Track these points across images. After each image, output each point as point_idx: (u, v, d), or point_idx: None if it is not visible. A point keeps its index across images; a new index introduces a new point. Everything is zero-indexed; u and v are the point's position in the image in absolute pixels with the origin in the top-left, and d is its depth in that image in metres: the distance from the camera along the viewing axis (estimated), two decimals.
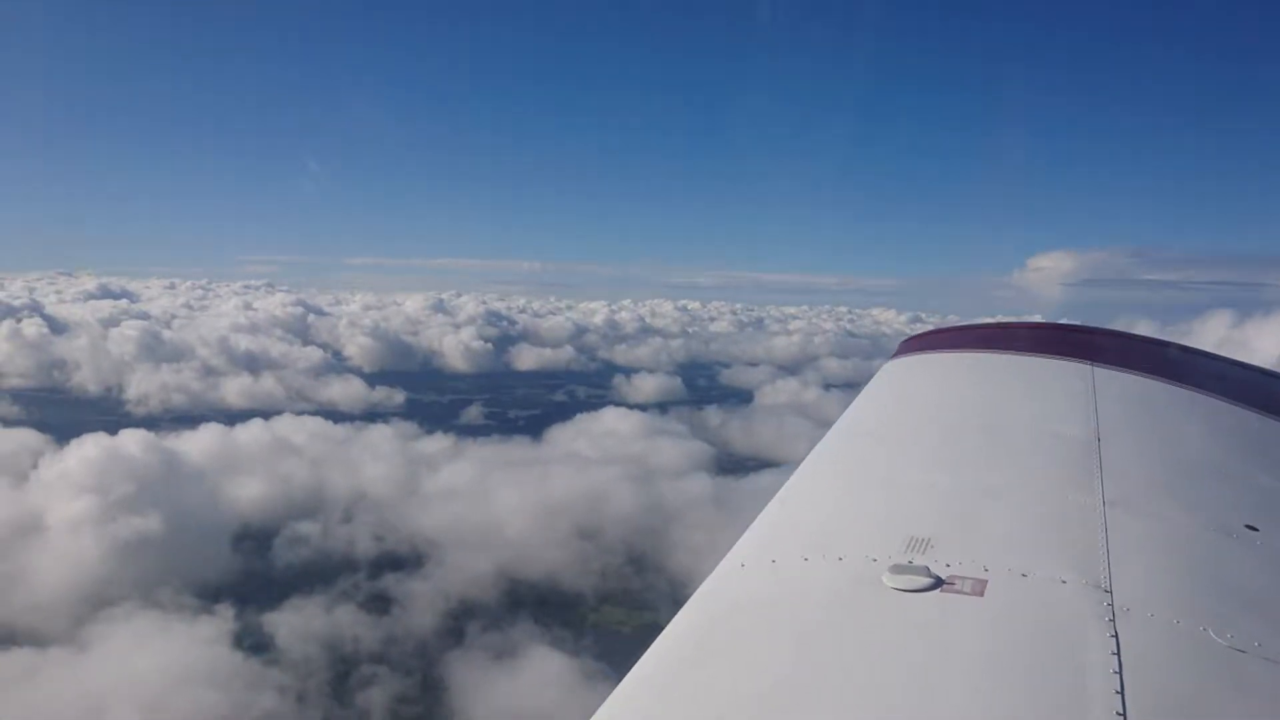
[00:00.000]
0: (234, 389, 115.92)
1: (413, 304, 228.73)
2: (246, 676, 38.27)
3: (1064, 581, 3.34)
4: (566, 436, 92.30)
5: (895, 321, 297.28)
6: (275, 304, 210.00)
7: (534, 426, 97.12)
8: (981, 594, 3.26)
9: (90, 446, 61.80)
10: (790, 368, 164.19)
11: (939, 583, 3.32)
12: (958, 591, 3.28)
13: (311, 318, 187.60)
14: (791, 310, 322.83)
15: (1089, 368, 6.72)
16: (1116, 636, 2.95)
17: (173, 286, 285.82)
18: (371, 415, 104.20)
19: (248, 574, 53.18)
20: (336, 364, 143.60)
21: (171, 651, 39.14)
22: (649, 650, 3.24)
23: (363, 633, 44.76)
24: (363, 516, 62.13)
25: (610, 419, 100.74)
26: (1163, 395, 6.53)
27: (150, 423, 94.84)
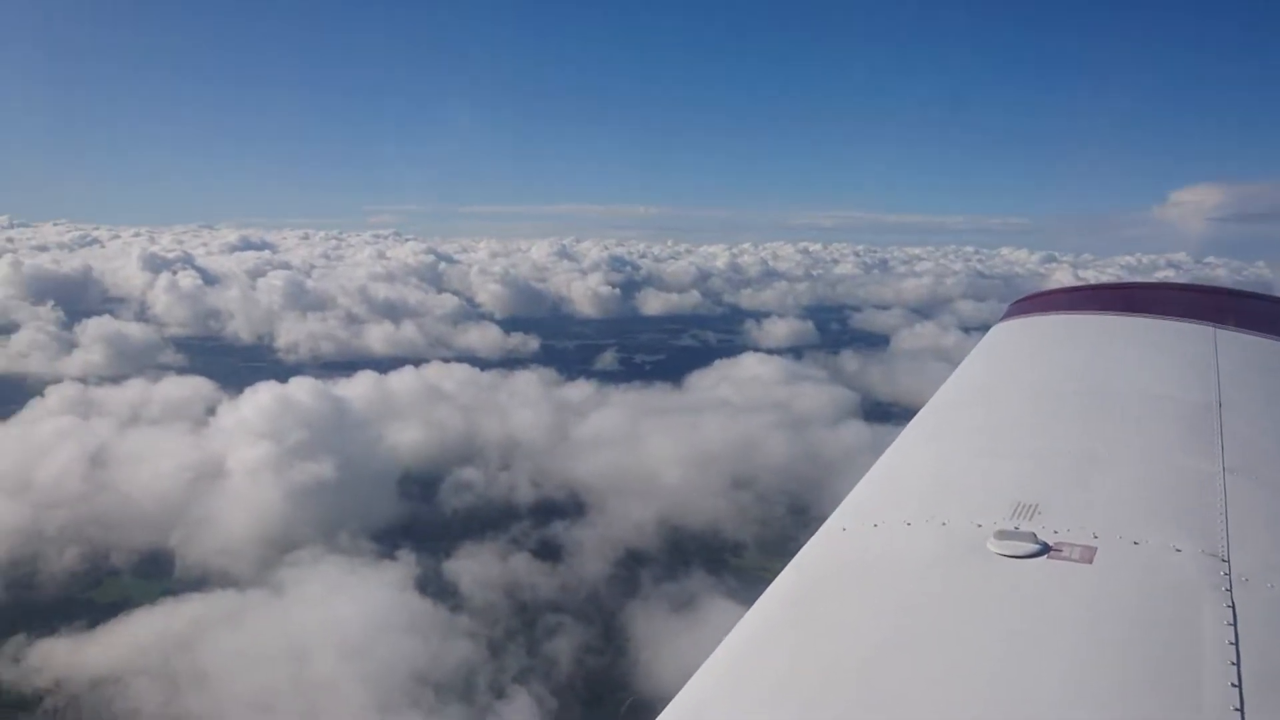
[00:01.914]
0: (377, 336, 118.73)
1: (538, 250, 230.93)
2: (438, 623, 38.73)
3: (1178, 550, 3.25)
4: (707, 382, 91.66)
5: (1028, 261, 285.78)
6: (407, 252, 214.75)
7: (669, 372, 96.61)
8: (1091, 561, 3.18)
9: (264, 394, 63.69)
10: (923, 310, 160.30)
11: (1046, 549, 3.25)
12: (1065, 558, 3.20)
13: (442, 265, 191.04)
14: (916, 251, 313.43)
15: (1211, 329, 6.45)
16: (1233, 607, 2.87)
17: (307, 237, 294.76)
18: (509, 361, 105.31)
19: (418, 519, 54.09)
20: (470, 311, 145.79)
21: (363, 597, 39.83)
22: (749, 611, 3.20)
23: (539, 580, 44.98)
24: (520, 463, 62.54)
25: (750, 364, 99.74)
26: None
27: (302, 369, 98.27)
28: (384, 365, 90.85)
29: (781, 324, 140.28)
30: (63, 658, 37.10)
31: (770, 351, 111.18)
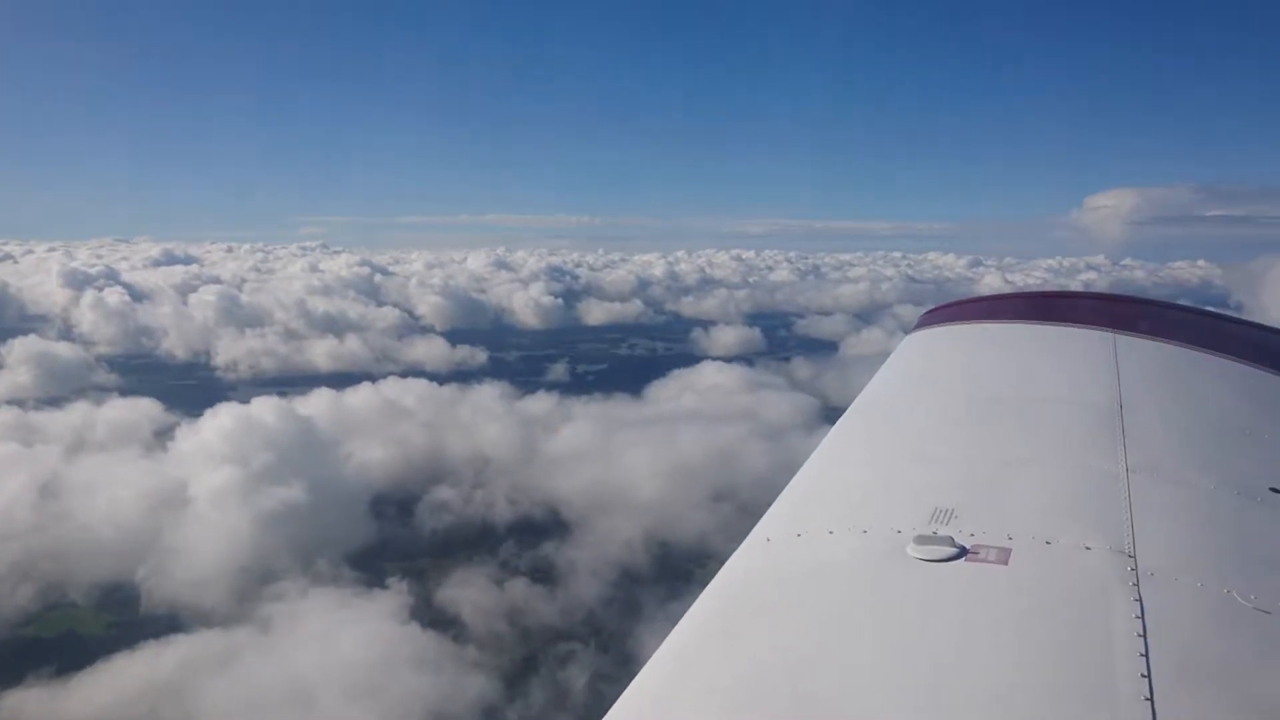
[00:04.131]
0: (321, 351, 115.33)
1: (474, 261, 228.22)
2: (445, 656, 36.56)
3: (1088, 548, 3.35)
4: (669, 392, 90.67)
5: (955, 266, 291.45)
6: (340, 265, 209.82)
7: (624, 382, 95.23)
8: (1006, 562, 3.26)
9: (224, 415, 60.48)
10: (864, 316, 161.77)
11: (963, 552, 3.32)
12: (982, 560, 3.29)
13: (378, 278, 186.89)
14: (847, 258, 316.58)
15: (1111, 335, 6.70)
16: (1141, 601, 2.97)
17: (231, 250, 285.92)
18: (459, 375, 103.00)
19: (397, 543, 51.72)
20: (413, 324, 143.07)
21: (360, 630, 37.46)
22: (676, 627, 3.19)
23: (539, 605, 43.05)
24: (495, 481, 60.39)
25: (709, 373, 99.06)
26: (1184, 361, 6.54)
27: (242, 388, 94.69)
28: (330, 381, 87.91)
29: (729, 331, 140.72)
30: (35, 711, 34.06)
31: (721, 360, 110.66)
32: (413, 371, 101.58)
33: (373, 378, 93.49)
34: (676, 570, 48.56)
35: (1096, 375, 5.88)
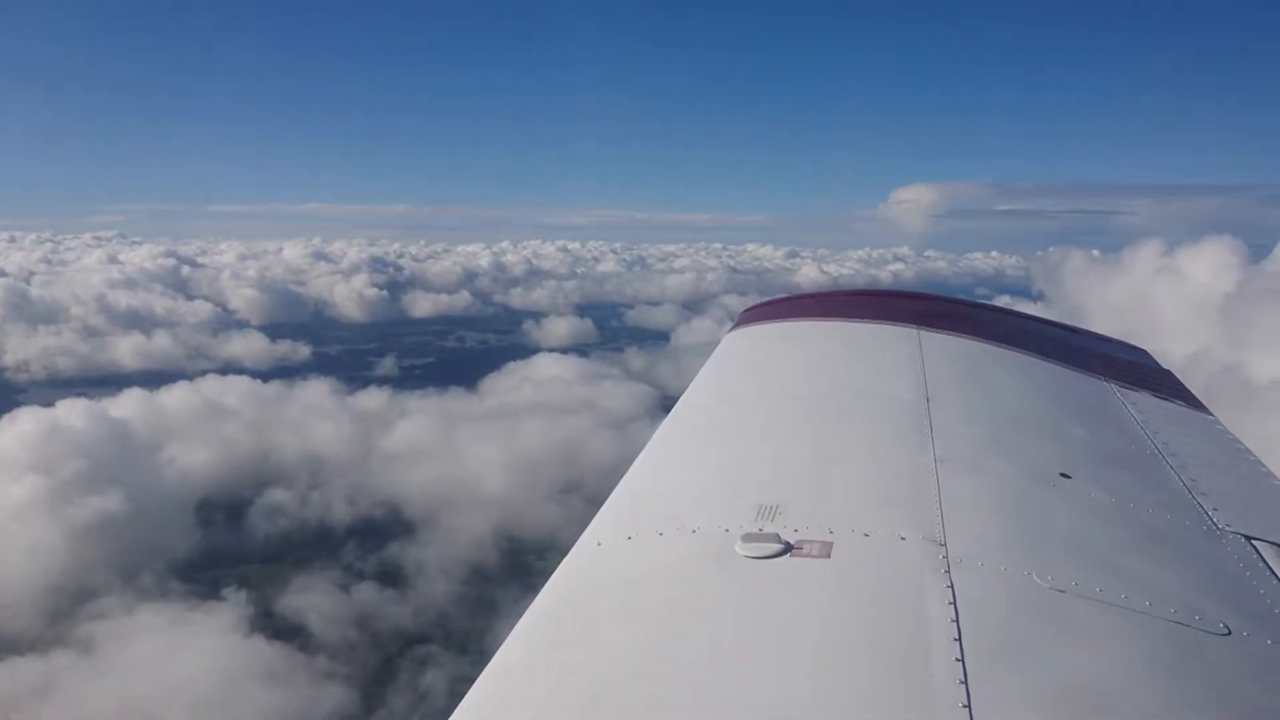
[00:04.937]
0: (126, 349, 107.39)
1: (291, 252, 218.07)
2: (295, 668, 34.41)
3: (903, 538, 3.51)
4: (506, 385, 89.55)
5: (773, 257, 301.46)
6: (143, 256, 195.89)
7: (458, 375, 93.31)
8: (828, 556, 3.39)
9: (24, 420, 55.10)
10: (692, 306, 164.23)
11: (789, 548, 3.42)
12: (806, 555, 3.40)
13: (186, 270, 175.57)
14: (670, 249, 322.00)
15: (916, 332, 7.04)
16: (953, 587, 3.14)
17: (14, 240, 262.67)
18: (282, 371, 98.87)
19: (230, 551, 48.47)
20: (227, 318, 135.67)
21: (199, 647, 34.80)
22: (509, 637, 3.19)
23: (390, 609, 41.27)
24: (332, 482, 57.79)
25: (546, 365, 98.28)
26: (983, 356, 6.90)
27: (40, 390, 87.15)
28: (139, 381, 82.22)
29: (561, 323, 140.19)
30: None
31: (555, 351, 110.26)
32: (231, 368, 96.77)
33: (188, 376, 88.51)
34: (529, 566, 47.64)
35: (905, 371, 6.13)
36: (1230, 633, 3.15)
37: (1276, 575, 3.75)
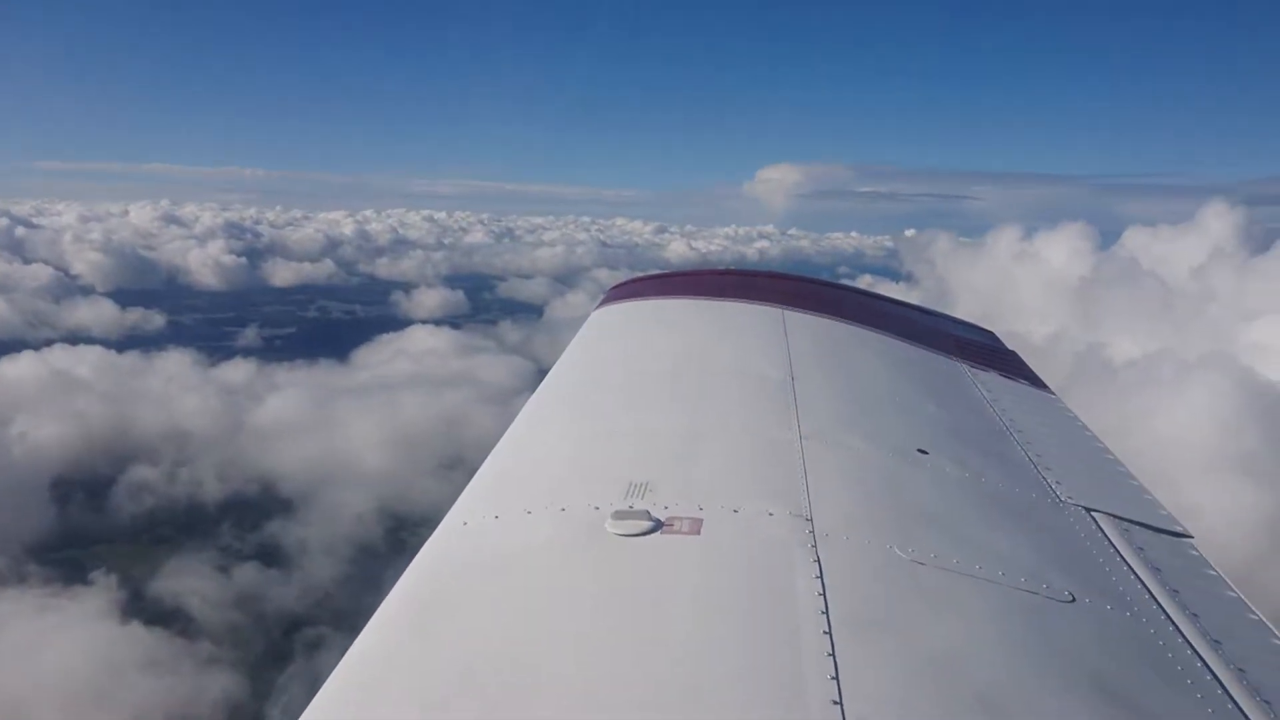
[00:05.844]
0: None
1: (139, 215, 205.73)
2: (176, 654, 32.57)
3: (771, 514, 3.56)
4: (380, 357, 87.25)
5: (643, 231, 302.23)
6: None
7: (327, 347, 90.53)
8: (698, 532, 3.40)
9: None
10: (563, 279, 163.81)
11: (659, 525, 3.42)
12: (676, 532, 3.40)
13: (21, 230, 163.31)
14: (539, 221, 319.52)
15: (781, 312, 7.23)
16: (819, 561, 3.20)
17: None
18: (135, 341, 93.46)
19: (90, 532, 45.31)
20: (70, 284, 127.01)
21: (67, 636, 32.42)
22: (369, 624, 3.09)
23: (274, 591, 39.51)
24: (201, 458, 54.90)
25: (420, 337, 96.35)
26: (845, 335, 7.17)
27: None
28: None
29: (431, 294, 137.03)
30: None
31: (427, 323, 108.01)
32: (80, 337, 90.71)
33: (31, 345, 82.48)
34: (414, 542, 45.42)
35: (770, 349, 6.24)
36: (1074, 600, 3.32)
37: (1114, 545, 3.95)
